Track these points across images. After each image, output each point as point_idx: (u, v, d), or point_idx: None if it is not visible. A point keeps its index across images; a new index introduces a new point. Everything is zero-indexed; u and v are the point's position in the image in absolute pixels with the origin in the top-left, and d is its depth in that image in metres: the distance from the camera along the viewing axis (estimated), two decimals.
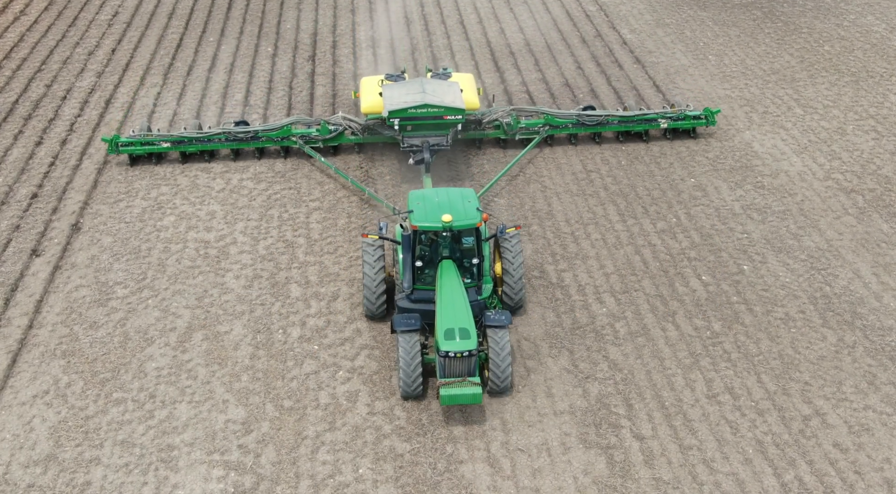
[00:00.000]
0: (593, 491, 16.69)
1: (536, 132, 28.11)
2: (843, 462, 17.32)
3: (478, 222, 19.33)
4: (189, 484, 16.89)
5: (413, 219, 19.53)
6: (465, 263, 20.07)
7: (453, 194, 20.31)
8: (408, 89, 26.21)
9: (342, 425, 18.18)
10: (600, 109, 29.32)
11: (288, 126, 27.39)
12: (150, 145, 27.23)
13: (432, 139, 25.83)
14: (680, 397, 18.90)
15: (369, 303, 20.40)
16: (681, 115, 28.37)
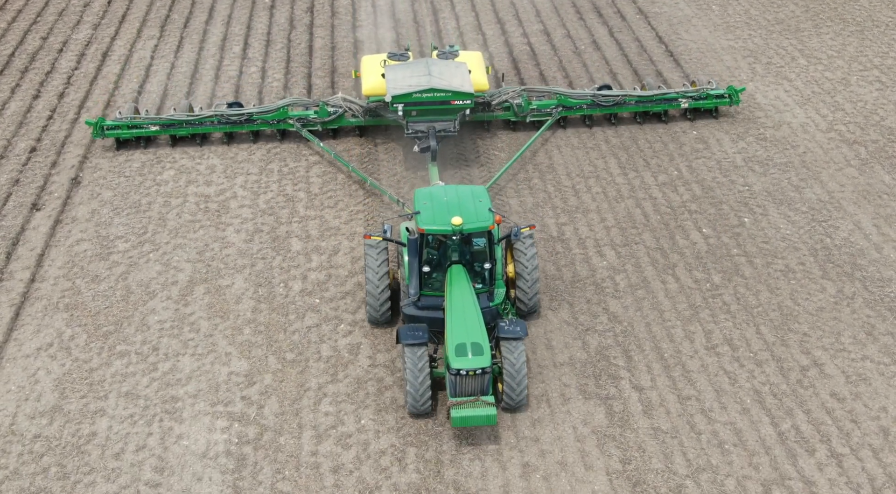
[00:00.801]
0: (592, 441, 16.91)
1: (549, 114, 26.37)
2: (839, 411, 17.51)
3: (490, 224, 17.79)
4: (193, 435, 17.12)
5: (420, 221, 17.96)
6: (475, 267, 18.63)
7: (463, 192, 18.78)
8: (412, 71, 24.34)
9: (344, 377, 18.36)
10: (617, 89, 27.62)
11: (284, 108, 25.64)
12: (138, 129, 25.65)
13: (439, 125, 24.04)
14: (679, 348, 19.04)
15: (373, 310, 19.02)
16: (703, 94, 26.55)
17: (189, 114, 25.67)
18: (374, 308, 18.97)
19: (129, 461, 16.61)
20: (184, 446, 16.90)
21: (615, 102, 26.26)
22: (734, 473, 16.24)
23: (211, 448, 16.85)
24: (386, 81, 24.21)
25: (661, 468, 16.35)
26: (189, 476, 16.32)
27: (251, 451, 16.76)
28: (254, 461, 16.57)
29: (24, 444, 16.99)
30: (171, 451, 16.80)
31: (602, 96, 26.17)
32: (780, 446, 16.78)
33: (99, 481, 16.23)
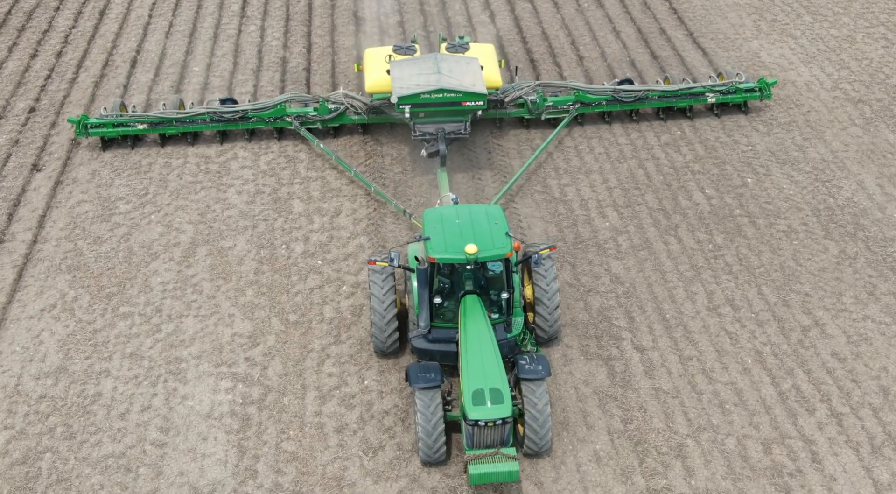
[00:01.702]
0: (594, 401, 17.04)
1: (566, 111, 24.33)
2: (840, 371, 17.61)
3: (508, 251, 16.02)
4: (198, 395, 17.25)
5: (430, 249, 16.12)
6: (491, 294, 16.88)
7: (477, 214, 16.87)
8: (420, 69, 22.35)
9: (347, 338, 18.43)
10: (638, 83, 25.67)
11: (282, 105, 23.64)
12: (124, 127, 23.66)
13: (448, 126, 22.15)
14: (681, 309, 19.08)
15: (379, 342, 17.41)
16: (731, 88, 24.59)
17: (179, 112, 23.77)
18: (381, 340, 17.35)
19: (135, 421, 16.76)
20: (188, 406, 17.04)
21: (637, 98, 24.38)
22: (735, 432, 16.39)
23: (215, 408, 16.99)
24: (391, 79, 22.33)
25: (662, 427, 16.49)
26: (194, 435, 16.48)
27: (255, 411, 16.90)
28: (258, 421, 16.72)
29: (29, 404, 17.13)
30: (176, 411, 16.95)
31: (623, 92, 24.30)
32: (781, 405, 16.91)
33: (105, 441, 16.40)
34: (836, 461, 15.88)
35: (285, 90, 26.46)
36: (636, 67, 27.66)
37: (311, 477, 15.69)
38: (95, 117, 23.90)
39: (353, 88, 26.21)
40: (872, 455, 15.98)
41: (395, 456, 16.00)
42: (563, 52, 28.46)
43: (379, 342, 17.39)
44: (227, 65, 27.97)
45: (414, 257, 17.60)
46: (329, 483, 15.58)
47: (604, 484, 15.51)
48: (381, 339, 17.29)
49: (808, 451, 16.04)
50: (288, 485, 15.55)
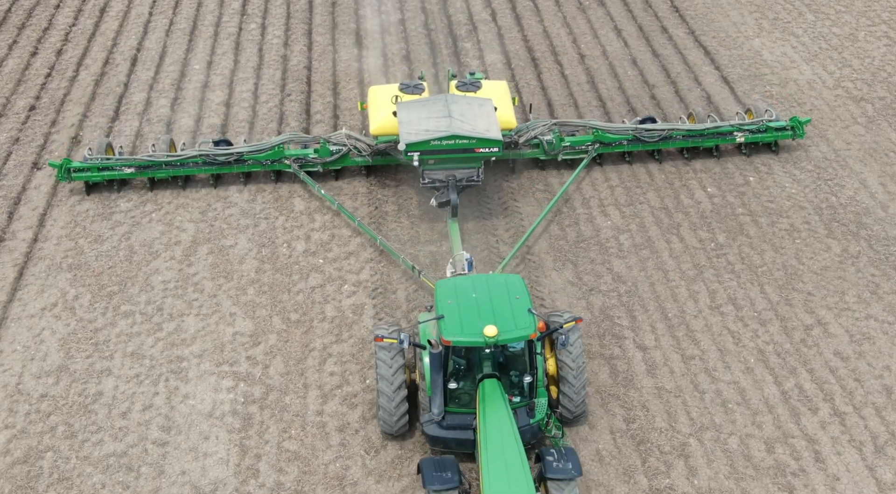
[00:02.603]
0: (596, 400, 17.00)
1: (584, 151, 22.79)
2: (843, 370, 17.58)
3: (532, 332, 14.39)
4: (200, 394, 17.21)
5: (444, 330, 14.46)
6: (512, 376, 15.33)
7: (496, 286, 15.23)
8: (429, 112, 20.71)
9: (349, 337, 18.39)
10: (662, 122, 23.68)
11: (280, 146, 22.04)
12: (110, 171, 22.05)
13: (460, 173, 20.54)
14: (683, 308, 19.05)
15: (387, 425, 15.86)
16: (762, 126, 23.05)
17: (169, 154, 21.98)
18: (390, 425, 15.78)
19: (136, 420, 16.72)
20: (190, 405, 17.00)
21: (660, 137, 22.79)
22: (737, 431, 16.35)
23: (217, 407, 16.95)
24: (399, 123, 20.66)
25: (665, 426, 16.46)
26: (196, 434, 16.44)
27: (257, 410, 16.86)
28: (260, 420, 16.68)
29: (30, 403, 17.09)
30: (178, 410, 16.91)
31: (645, 131, 22.70)
32: (784, 404, 16.87)
33: (106, 439, 16.36)
34: (839, 460, 15.85)
35: (286, 90, 25.88)
36: (637, 65, 27.61)
37: (313, 477, 15.66)
38: (79, 161, 22.40)
39: (355, 120, 24.83)
40: (876, 454, 15.95)
41: (396, 456, 15.97)
42: (565, 51, 28.41)
43: (387, 426, 15.82)
44: (228, 63, 27.89)
45: (427, 340, 15.41)
46: (331, 482, 15.55)
47: (606, 484, 15.47)
48: (390, 423, 15.65)
49: (811, 450, 16.01)
50: (290, 484, 15.51)
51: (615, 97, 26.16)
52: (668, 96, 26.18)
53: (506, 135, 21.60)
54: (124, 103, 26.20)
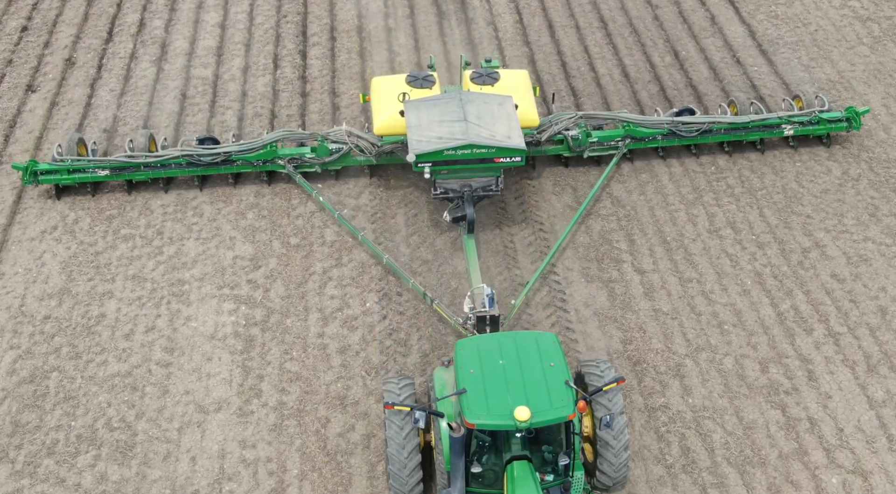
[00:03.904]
0: (594, 323, 17.18)
1: (614, 147, 20.41)
2: (839, 292, 17.73)
3: (570, 413, 12.25)
4: (201, 317, 17.39)
5: (467, 410, 12.29)
6: (545, 452, 13.21)
7: (526, 349, 13.05)
8: (441, 113, 18.20)
9: (349, 261, 18.48)
10: (701, 114, 21.07)
11: (272, 145, 19.62)
12: (82, 173, 19.61)
13: (476, 181, 18.23)
14: (682, 232, 19.08)
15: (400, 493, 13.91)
16: (814, 118, 20.57)
17: (148, 154, 19.51)
18: (402, 493, 13.83)
19: (140, 341, 16.94)
20: (192, 327, 17.19)
21: (699, 131, 20.41)
22: (732, 352, 16.59)
23: (219, 329, 17.14)
24: (407, 128, 18.18)
25: (661, 347, 16.69)
26: (199, 356, 16.68)
27: (259, 333, 17.06)
28: (262, 342, 16.90)
29: (34, 325, 17.29)
30: (180, 332, 17.11)
31: (682, 124, 20.30)
32: (779, 326, 17.07)
33: (111, 360, 16.61)
34: (831, 379, 16.12)
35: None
36: None
37: (315, 396, 15.94)
38: (47, 162, 19.72)
39: (357, 114, 22.16)
40: (868, 373, 16.21)
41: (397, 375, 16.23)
42: None
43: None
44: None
45: (447, 424, 12.71)
46: (332, 401, 15.84)
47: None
48: (403, 491, 13.74)
49: (805, 370, 16.27)
50: (292, 404, 15.81)
51: (616, 18, 25.60)
52: (671, 16, 25.63)
53: (527, 133, 19.22)
54: (117, 25, 25.72)
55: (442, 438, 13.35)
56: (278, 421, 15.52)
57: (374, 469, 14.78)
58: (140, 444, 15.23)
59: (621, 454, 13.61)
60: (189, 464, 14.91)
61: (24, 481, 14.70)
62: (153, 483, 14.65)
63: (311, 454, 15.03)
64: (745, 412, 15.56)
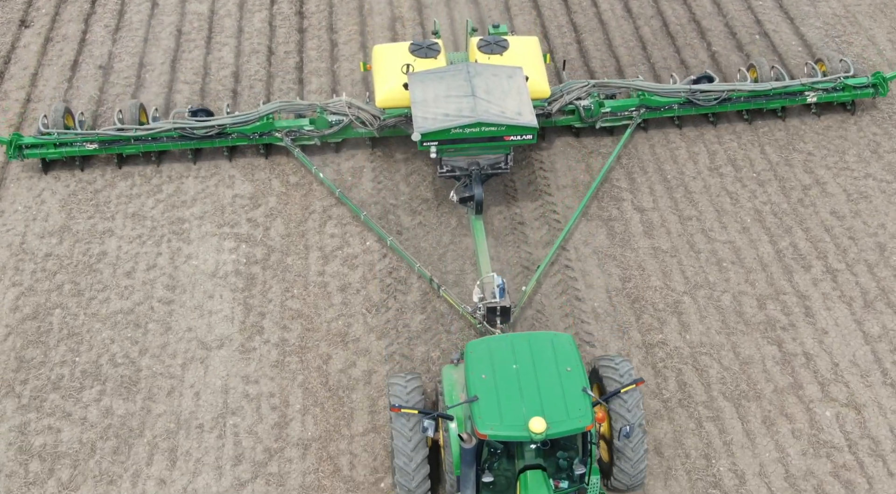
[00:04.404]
0: (593, 261, 17.25)
1: (628, 118, 19.55)
2: (838, 229, 17.75)
3: (588, 424, 11.66)
4: (202, 255, 17.44)
5: (478, 420, 11.72)
6: (559, 459, 12.56)
7: (540, 352, 12.44)
8: (448, 87, 17.32)
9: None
10: (720, 82, 19.97)
11: (268, 117, 18.79)
12: (69, 147, 18.80)
13: (484, 159, 17.42)
14: (682, 170, 19.02)
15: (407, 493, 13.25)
16: (839, 84, 19.60)
17: (138, 127, 18.67)
18: (409, 491, 13.18)
19: (141, 279, 17.03)
20: (193, 265, 17.26)
21: (718, 99, 19.41)
22: (730, 289, 16.69)
23: (220, 267, 17.21)
24: (411, 104, 17.33)
25: (660, 285, 16.78)
26: (200, 293, 16.78)
27: (259, 271, 17.14)
28: (263, 280, 16.99)
29: (36, 262, 17.35)
30: (181, 270, 17.18)
31: (701, 93, 19.30)
32: (778, 263, 17.14)
33: (113, 298, 16.72)
34: (828, 315, 16.26)
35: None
36: None
37: (317, 333, 16.09)
38: (32, 136, 18.80)
39: (358, 86, 21.16)
40: (865, 309, 16.34)
41: (397, 314, 16.36)
42: None
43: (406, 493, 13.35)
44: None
45: (458, 435, 12.15)
46: (334, 338, 16.00)
47: (601, 339, 15.93)
48: (410, 489, 13.09)
49: (802, 306, 16.40)
50: (294, 341, 15.97)
51: None
52: None
53: (538, 106, 18.46)
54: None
55: (451, 442, 12.86)
56: (280, 358, 15.70)
57: (374, 403, 15.00)
58: (144, 379, 15.43)
59: (639, 464, 13.10)
60: (193, 399, 15.13)
61: (31, 415, 14.95)
62: (158, 416, 14.89)
63: (312, 389, 15.24)
64: (742, 347, 15.73)
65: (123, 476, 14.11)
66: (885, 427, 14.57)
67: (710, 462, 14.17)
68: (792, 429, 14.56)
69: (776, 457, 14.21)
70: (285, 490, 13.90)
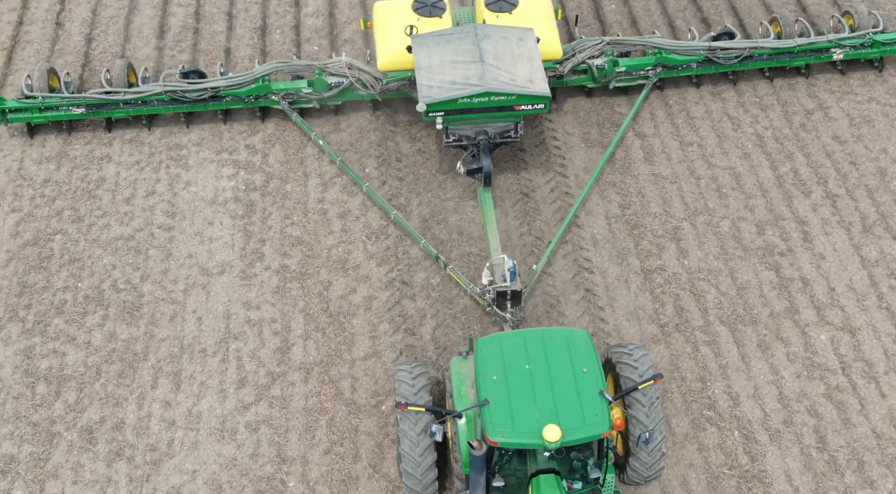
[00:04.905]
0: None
1: (644, 77, 18.64)
2: (839, 154, 17.67)
3: (605, 430, 11.07)
4: (201, 182, 17.40)
5: (489, 427, 11.09)
6: (573, 460, 11.84)
7: (555, 350, 11.80)
8: (454, 52, 16.39)
9: (346, 126, 18.31)
10: (741, 39, 19.05)
11: (264, 78, 17.86)
12: (55, 111, 17.95)
13: (493, 128, 16.57)
14: (684, 95, 18.83)
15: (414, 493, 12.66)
16: (867, 40, 18.61)
17: (127, 90, 17.76)
18: (417, 492, 12.56)
19: (140, 205, 17.03)
20: (192, 192, 17.24)
21: (739, 57, 18.46)
22: (730, 215, 16.70)
23: (219, 194, 17.19)
24: (416, 70, 16.38)
25: (659, 211, 16.79)
26: (200, 220, 16.80)
27: (259, 198, 17.12)
28: (262, 206, 16.99)
29: (34, 188, 17.33)
30: (181, 197, 17.17)
31: (721, 50, 18.35)
32: (778, 188, 17.12)
33: (113, 224, 16.75)
34: (826, 240, 16.31)
35: None
36: None
37: (317, 260, 16.17)
38: (16, 99, 17.87)
39: (359, 46, 20.19)
40: (863, 233, 16.39)
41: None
42: None
43: None
44: None
45: (468, 442, 11.03)
46: (334, 265, 16.08)
47: (600, 266, 16.00)
48: (417, 490, 12.52)
49: (801, 232, 16.44)
50: (294, 267, 16.05)
51: None
52: None
53: (549, 68, 17.53)
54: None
55: (460, 438, 12.28)
56: (281, 284, 15.81)
57: (375, 329, 15.17)
58: (146, 305, 15.57)
59: (656, 466, 12.76)
60: (195, 324, 15.30)
61: (35, 339, 15.14)
62: (161, 341, 15.08)
63: (314, 315, 15.39)
64: (740, 273, 15.83)
65: (129, 399, 14.38)
66: (879, 350, 14.78)
67: (705, 384, 14.41)
68: (787, 353, 14.76)
69: (770, 380, 14.44)
70: (288, 413, 14.17)
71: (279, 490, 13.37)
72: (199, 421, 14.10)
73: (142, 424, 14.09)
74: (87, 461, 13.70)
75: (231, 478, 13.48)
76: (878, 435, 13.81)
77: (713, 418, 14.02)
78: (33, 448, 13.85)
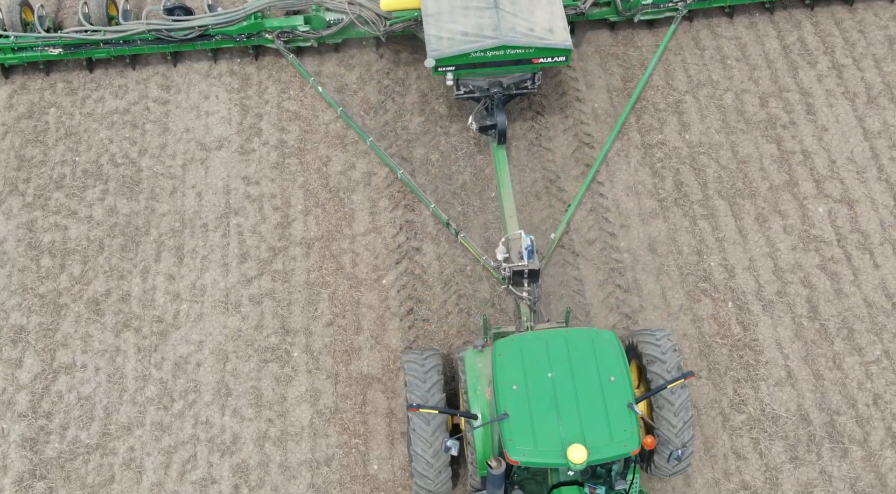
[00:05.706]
0: (595, 60, 16.89)
1: (674, 9, 16.99)
2: (848, 21, 17.13)
3: (634, 448, 10.24)
4: (195, 55, 17.03)
5: (509, 445, 10.25)
6: (597, 468, 10.86)
7: (579, 356, 10.86)
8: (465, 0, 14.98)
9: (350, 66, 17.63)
10: None
11: (257, 15, 16.43)
12: (30, 51, 16.59)
13: (508, 79, 15.10)
14: None
15: None
16: None
17: (108, 29, 16.35)
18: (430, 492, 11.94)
19: (134, 78, 16.77)
20: (186, 64, 16.92)
21: None
22: (733, 87, 16.45)
23: (213, 66, 16.89)
24: (423, 19, 14.98)
25: (662, 84, 16.52)
26: (196, 93, 16.58)
27: (254, 71, 16.86)
28: (258, 80, 16.73)
29: None
30: (175, 69, 16.87)
31: None
32: (783, 59, 16.77)
33: (107, 97, 16.53)
34: (830, 112, 16.13)
35: None
36: None
37: (315, 135, 16.05)
38: None
39: None
40: (868, 104, 16.18)
41: (395, 116, 16.22)
42: None
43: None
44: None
45: (486, 462, 10.48)
46: (332, 140, 15.97)
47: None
48: (430, 489, 11.83)
49: (804, 103, 16.22)
50: (292, 142, 15.95)
51: None
52: None
53: (569, 5, 16.25)
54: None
55: (474, 439, 11.57)
56: (280, 159, 15.75)
57: (375, 204, 15.22)
58: (146, 179, 15.57)
59: (684, 469, 12.15)
60: (195, 199, 15.35)
61: (36, 212, 15.22)
62: (162, 216, 15.17)
63: (313, 190, 15.41)
64: (741, 146, 15.73)
65: (133, 272, 14.60)
66: (876, 221, 14.87)
67: (701, 257, 14.58)
68: (784, 225, 14.86)
69: (766, 252, 14.61)
70: (290, 286, 14.41)
71: (284, 359, 13.76)
72: (204, 294, 14.36)
73: (147, 296, 14.36)
74: (95, 331, 14.05)
75: (237, 348, 13.86)
76: (869, 304, 14.09)
77: (708, 289, 14.26)
78: (42, 318, 14.17)
